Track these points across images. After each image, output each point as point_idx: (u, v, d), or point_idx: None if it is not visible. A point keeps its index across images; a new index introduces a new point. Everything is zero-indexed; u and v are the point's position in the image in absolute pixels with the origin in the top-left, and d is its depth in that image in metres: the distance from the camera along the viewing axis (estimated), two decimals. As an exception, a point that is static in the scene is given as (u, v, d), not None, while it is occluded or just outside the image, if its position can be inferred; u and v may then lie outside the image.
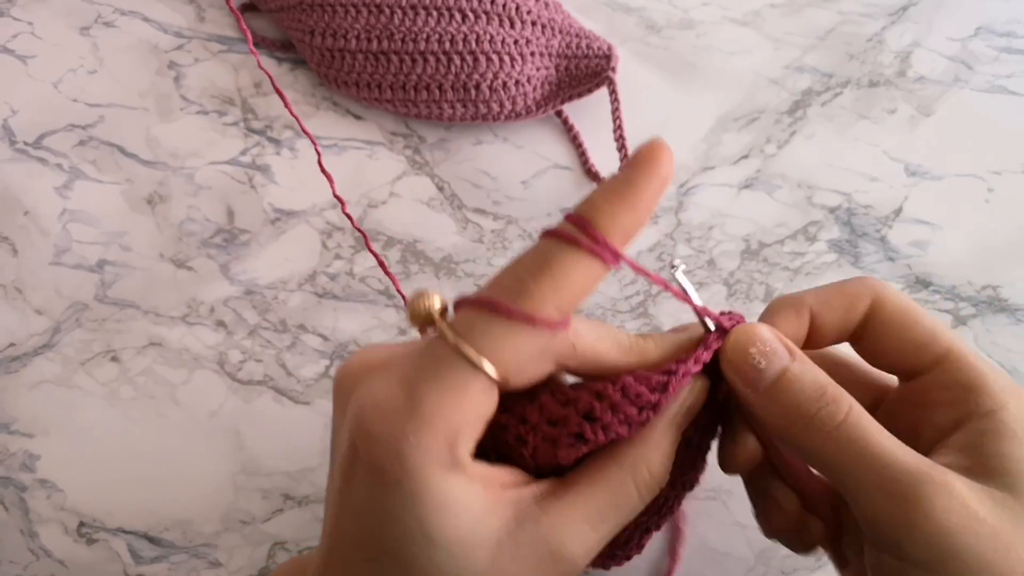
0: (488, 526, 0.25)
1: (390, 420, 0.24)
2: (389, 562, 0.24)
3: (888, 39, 0.51)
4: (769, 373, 0.27)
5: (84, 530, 0.41)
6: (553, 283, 0.24)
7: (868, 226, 0.47)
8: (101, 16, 0.51)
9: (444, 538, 0.24)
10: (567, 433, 0.26)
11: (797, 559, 0.41)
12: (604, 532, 0.26)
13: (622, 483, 0.27)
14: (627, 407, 0.27)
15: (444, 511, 0.24)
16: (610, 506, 0.27)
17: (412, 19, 0.46)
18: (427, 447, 0.24)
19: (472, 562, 0.24)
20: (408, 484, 0.24)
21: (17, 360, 0.44)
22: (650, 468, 0.27)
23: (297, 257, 0.46)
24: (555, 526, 0.26)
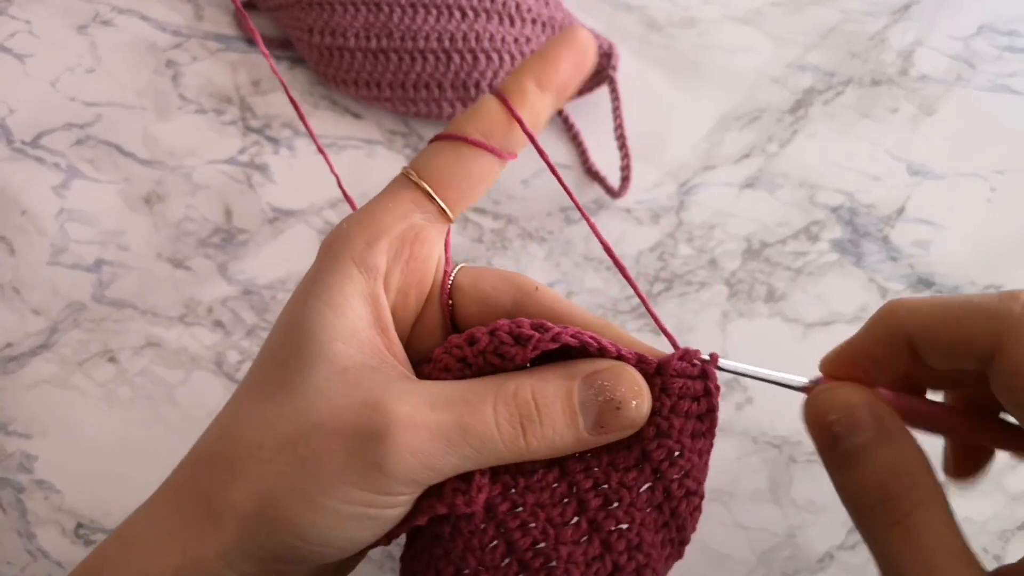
0: (349, 345, 0.26)
1: (339, 227, 0.28)
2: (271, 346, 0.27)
3: (890, 38, 0.51)
4: (845, 444, 0.25)
5: (82, 531, 0.41)
6: (476, 116, 0.28)
7: (870, 225, 0.47)
8: (99, 15, 0.51)
9: (311, 324, 0.26)
10: (453, 358, 0.27)
11: (799, 560, 0.41)
12: (440, 420, 0.25)
13: (483, 388, 0.26)
14: (503, 335, 0.26)
15: (323, 297, 0.26)
16: (460, 398, 0.25)
17: (411, 17, 0.45)
18: (350, 236, 0.27)
19: (313, 362, 0.25)
20: (320, 266, 0.27)
21: (15, 360, 0.44)
22: (519, 387, 0.26)
23: (295, 257, 0.46)
24: (400, 387, 0.25)
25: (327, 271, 0.27)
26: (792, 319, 0.45)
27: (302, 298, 0.27)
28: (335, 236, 0.28)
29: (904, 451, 0.25)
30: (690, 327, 0.44)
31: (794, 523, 0.41)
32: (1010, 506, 0.41)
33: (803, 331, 0.44)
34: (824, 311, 0.45)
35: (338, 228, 0.28)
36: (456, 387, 0.26)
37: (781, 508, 0.41)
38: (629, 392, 0.26)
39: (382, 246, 0.27)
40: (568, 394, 0.26)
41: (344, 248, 0.27)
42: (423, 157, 0.29)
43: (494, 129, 0.28)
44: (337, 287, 0.26)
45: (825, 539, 0.41)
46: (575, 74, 0.29)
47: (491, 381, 0.26)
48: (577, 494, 0.27)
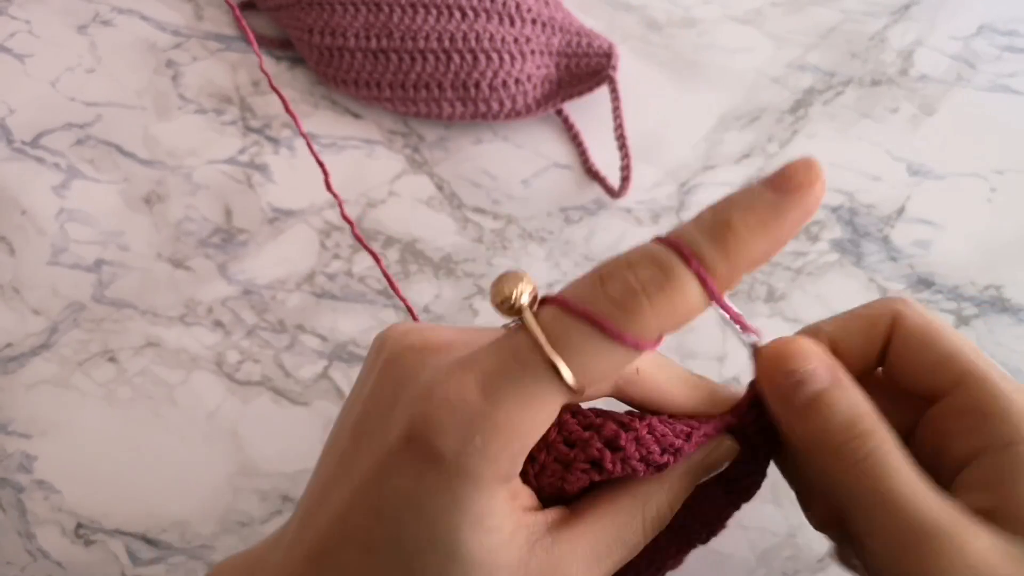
0: (509, 550, 0.23)
1: (462, 419, 0.22)
2: (393, 563, 0.23)
3: (890, 38, 0.51)
4: (804, 392, 0.26)
5: (82, 531, 0.41)
6: (668, 307, 0.22)
7: (870, 226, 0.47)
8: (99, 15, 0.51)
9: (469, 554, 0.22)
10: (583, 457, 0.25)
11: (799, 561, 0.41)
12: (607, 567, 0.26)
13: (632, 517, 0.26)
14: (651, 444, 0.26)
15: (481, 526, 0.22)
16: (617, 540, 0.26)
17: (411, 17, 0.45)
18: (493, 456, 0.22)
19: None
20: (460, 489, 0.22)
21: (14, 360, 0.44)
22: (659, 507, 0.26)
23: (295, 257, 0.46)
24: (565, 557, 0.24)
25: (471, 500, 0.22)
26: (792, 319, 0.45)
27: (446, 524, 0.22)
28: (467, 452, 0.22)
29: (859, 396, 0.26)
30: (690, 327, 0.44)
31: (794, 523, 0.41)
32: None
33: (803, 331, 0.44)
34: (824, 311, 0.45)
35: (461, 434, 0.22)
36: (609, 530, 0.26)
37: (781, 508, 0.41)
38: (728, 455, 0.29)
39: (523, 459, 0.23)
40: (691, 486, 0.28)
41: (487, 471, 0.22)
42: (579, 358, 0.22)
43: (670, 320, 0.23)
44: (489, 518, 0.23)
45: (825, 539, 0.41)
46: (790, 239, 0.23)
47: (635, 506, 0.26)
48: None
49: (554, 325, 0.22)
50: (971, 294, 0.45)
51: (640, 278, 0.22)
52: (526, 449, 0.23)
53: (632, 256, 0.23)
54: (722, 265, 0.22)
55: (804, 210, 0.22)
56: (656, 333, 0.22)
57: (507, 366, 0.22)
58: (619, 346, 0.22)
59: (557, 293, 0.23)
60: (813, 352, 0.27)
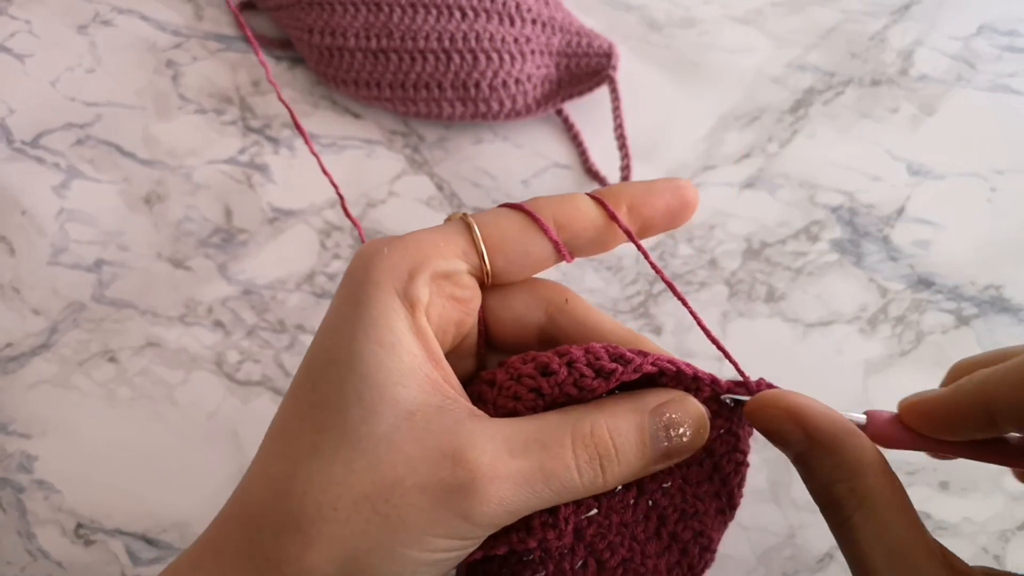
0: (409, 387, 0.24)
1: (380, 245, 0.26)
2: (303, 384, 0.25)
3: (890, 38, 0.51)
4: (790, 453, 0.26)
5: (82, 531, 0.41)
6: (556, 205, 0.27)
7: (870, 226, 0.47)
8: (99, 15, 0.51)
9: (364, 365, 0.24)
10: (525, 389, 0.26)
11: (799, 561, 0.41)
12: (523, 466, 0.24)
13: (558, 427, 0.25)
14: (583, 367, 0.26)
15: (376, 335, 0.25)
16: (538, 441, 0.25)
17: (411, 17, 0.45)
18: (392, 264, 0.25)
19: (376, 409, 0.24)
20: (362, 295, 0.25)
21: (15, 360, 0.44)
22: (595, 426, 0.26)
23: (295, 257, 0.46)
24: (474, 431, 0.24)
25: (369, 302, 0.25)
26: (792, 319, 0.45)
27: (347, 333, 0.25)
28: (373, 262, 0.26)
29: (840, 457, 0.25)
30: (690, 327, 0.44)
31: (794, 523, 0.41)
32: (1010, 506, 0.41)
33: (803, 331, 0.44)
34: (824, 311, 0.45)
35: (375, 252, 0.26)
36: (529, 426, 0.25)
37: (781, 508, 0.41)
38: (694, 422, 0.27)
39: (424, 278, 0.26)
40: (640, 429, 0.26)
41: (386, 277, 0.25)
42: (488, 215, 0.27)
43: (569, 223, 0.27)
44: (385, 322, 0.25)
45: (825, 539, 0.41)
46: (666, 220, 0.28)
47: (565, 419, 0.26)
48: (657, 510, 0.28)
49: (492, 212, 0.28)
50: (971, 294, 0.45)
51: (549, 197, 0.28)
52: (426, 268, 0.26)
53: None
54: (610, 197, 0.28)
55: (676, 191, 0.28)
56: (548, 216, 0.27)
57: (439, 226, 0.27)
58: (525, 219, 0.27)
59: None
60: (783, 416, 0.26)
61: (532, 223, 0.27)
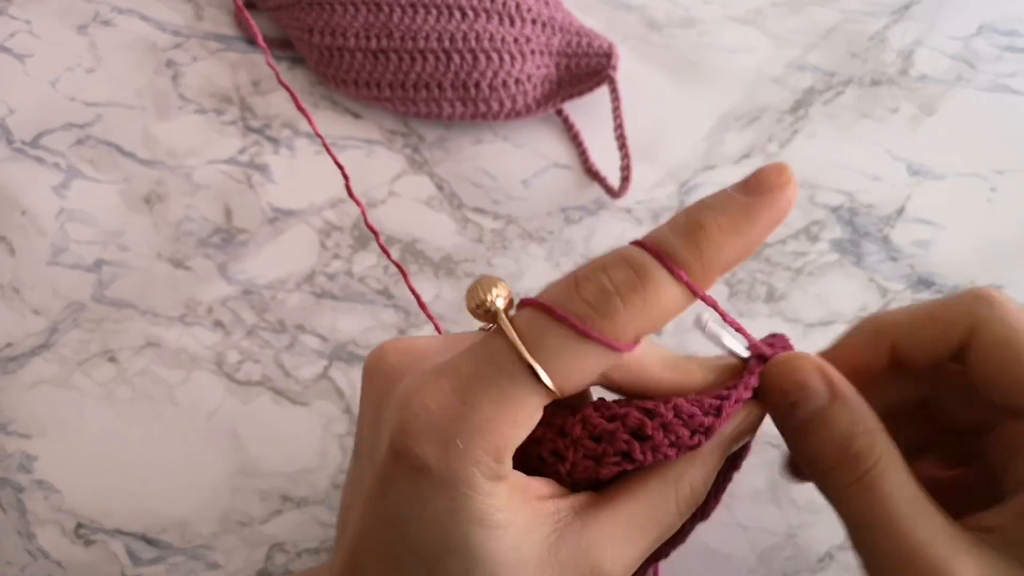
0: (531, 542, 0.23)
1: (441, 425, 0.22)
2: (417, 570, 0.23)
3: (890, 38, 0.51)
4: (801, 411, 0.26)
5: (82, 531, 0.41)
6: (643, 308, 0.22)
7: (870, 226, 0.47)
8: (99, 15, 0.51)
9: (487, 553, 0.22)
10: (612, 451, 0.25)
11: (799, 561, 0.41)
12: (642, 548, 0.25)
13: (664, 498, 0.26)
14: (679, 428, 0.25)
15: (488, 524, 0.22)
16: (650, 520, 0.25)
17: (411, 17, 0.45)
18: (476, 458, 0.22)
19: None
20: (454, 492, 0.22)
21: (14, 360, 0.44)
22: (692, 485, 0.26)
23: (295, 257, 0.46)
24: (596, 540, 0.24)
25: (466, 500, 0.22)
26: (792, 319, 0.45)
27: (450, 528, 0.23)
28: (449, 455, 0.22)
29: (858, 413, 0.26)
30: (690, 327, 0.44)
31: (794, 523, 0.41)
32: (1010, 506, 0.41)
33: (803, 331, 0.44)
34: (824, 311, 0.45)
35: (441, 439, 0.22)
36: (639, 508, 0.25)
37: (781, 508, 0.41)
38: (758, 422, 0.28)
39: (510, 456, 0.23)
40: (721, 460, 0.27)
41: (471, 471, 0.22)
42: (556, 359, 0.22)
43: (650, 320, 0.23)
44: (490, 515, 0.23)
45: (825, 539, 0.41)
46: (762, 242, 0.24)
47: (666, 485, 0.26)
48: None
49: (530, 328, 0.23)
50: (971, 294, 0.45)
51: (614, 280, 0.22)
52: (510, 448, 0.23)
53: (607, 259, 0.23)
54: (695, 265, 0.23)
55: (776, 213, 0.23)
56: (632, 334, 0.23)
57: (483, 370, 0.22)
58: (595, 346, 0.22)
59: (534, 297, 0.23)
60: (811, 368, 0.26)
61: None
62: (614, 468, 0.25)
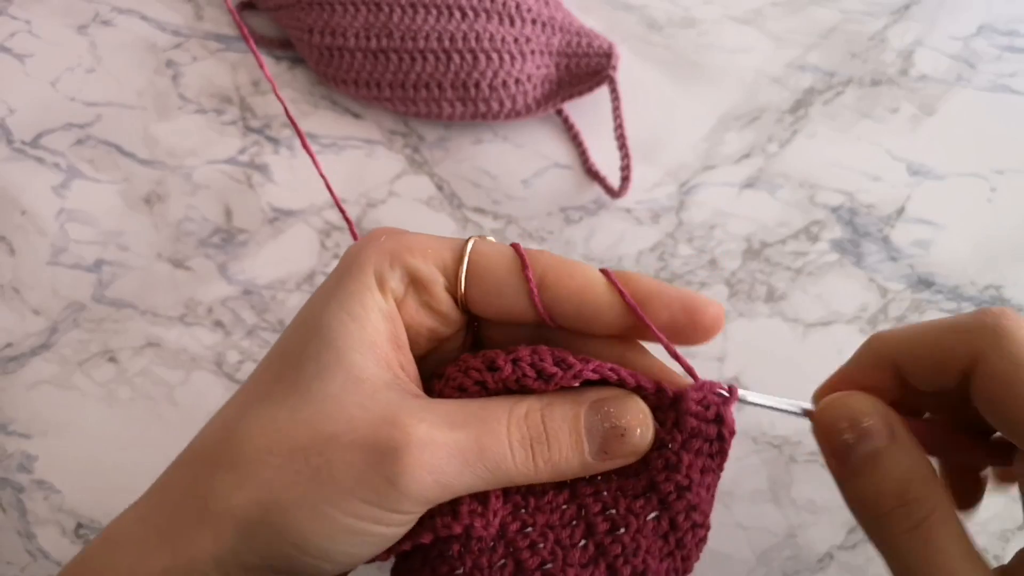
0: (365, 356, 0.25)
1: (378, 231, 0.27)
2: (276, 348, 0.27)
3: (890, 38, 0.51)
4: (859, 451, 0.26)
5: (82, 531, 0.41)
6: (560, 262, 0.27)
7: (870, 225, 0.47)
8: (99, 15, 0.51)
9: (327, 329, 0.25)
10: (471, 380, 0.27)
11: (799, 561, 0.41)
12: (458, 439, 0.24)
13: (498, 406, 0.26)
14: (526, 366, 0.26)
15: (343, 306, 0.26)
16: (475, 416, 0.25)
17: (411, 17, 0.45)
18: (379, 250, 0.26)
19: (330, 369, 0.25)
20: (344, 273, 0.26)
21: (14, 360, 0.44)
22: (530, 412, 0.26)
23: (295, 257, 0.46)
24: (417, 404, 0.25)
25: (350, 278, 0.26)
26: (792, 319, 0.45)
27: (322, 302, 0.27)
28: (365, 242, 0.27)
29: (916, 458, 0.25)
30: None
31: (794, 523, 0.41)
32: (1010, 506, 0.41)
33: (803, 331, 0.44)
34: (824, 311, 0.45)
35: (371, 238, 0.27)
36: (471, 405, 0.26)
37: (781, 508, 0.41)
38: (634, 420, 0.26)
39: (400, 270, 0.27)
40: (575, 419, 0.26)
41: (369, 258, 0.27)
42: (491, 245, 0.27)
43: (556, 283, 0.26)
44: (358, 297, 0.26)
45: (825, 539, 0.41)
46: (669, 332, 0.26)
47: (504, 401, 0.26)
48: (586, 517, 0.27)
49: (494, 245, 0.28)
50: (971, 294, 0.45)
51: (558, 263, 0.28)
52: (404, 260, 0.26)
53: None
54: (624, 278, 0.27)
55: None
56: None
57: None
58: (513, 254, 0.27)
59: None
60: (871, 409, 0.26)
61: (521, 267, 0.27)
62: (476, 383, 0.27)
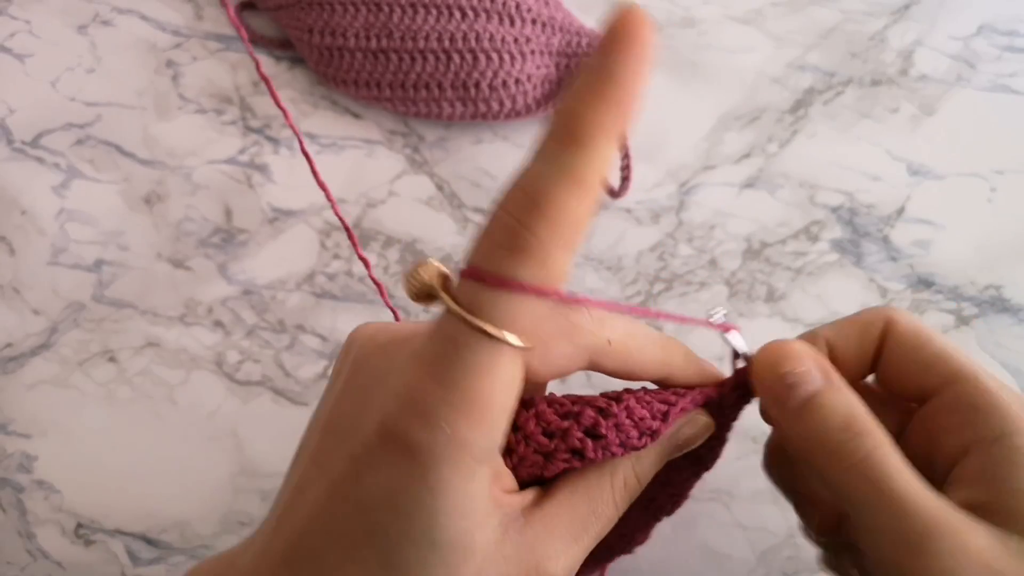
0: (483, 532, 0.23)
1: (424, 408, 0.22)
2: (374, 558, 0.22)
3: (890, 38, 0.51)
4: (799, 394, 0.27)
5: (82, 531, 0.41)
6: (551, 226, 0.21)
7: (870, 226, 0.47)
8: (99, 15, 0.51)
9: (447, 540, 0.22)
10: (564, 447, 0.25)
11: (799, 561, 0.41)
12: (584, 545, 0.26)
13: (601, 490, 0.26)
14: (630, 429, 0.26)
15: (457, 511, 0.22)
16: (591, 514, 0.26)
17: (411, 17, 0.45)
18: (462, 438, 0.21)
19: (460, 571, 0.23)
20: (436, 475, 0.22)
21: (14, 360, 0.44)
22: (627, 479, 0.26)
23: (295, 257, 0.46)
24: (539, 538, 0.24)
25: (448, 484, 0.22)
26: (792, 319, 0.45)
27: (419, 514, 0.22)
28: (436, 440, 0.22)
29: (853, 396, 0.27)
30: (690, 327, 0.44)
31: (794, 523, 0.41)
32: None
33: (803, 331, 0.44)
34: (824, 311, 0.45)
35: (429, 423, 0.22)
36: (580, 502, 0.26)
37: (781, 508, 0.41)
38: (703, 432, 0.29)
39: (503, 431, 0.23)
40: (660, 457, 0.28)
41: (458, 453, 0.22)
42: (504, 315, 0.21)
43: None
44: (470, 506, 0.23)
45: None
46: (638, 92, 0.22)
47: (603, 478, 0.26)
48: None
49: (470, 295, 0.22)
50: (971, 294, 0.45)
51: (512, 212, 0.21)
52: (499, 422, 0.22)
53: (503, 195, 0.22)
54: (579, 160, 0.21)
55: (640, 61, 0.21)
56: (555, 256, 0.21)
57: (446, 349, 0.22)
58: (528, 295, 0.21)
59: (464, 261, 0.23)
60: (806, 354, 0.28)
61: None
62: (562, 465, 0.25)
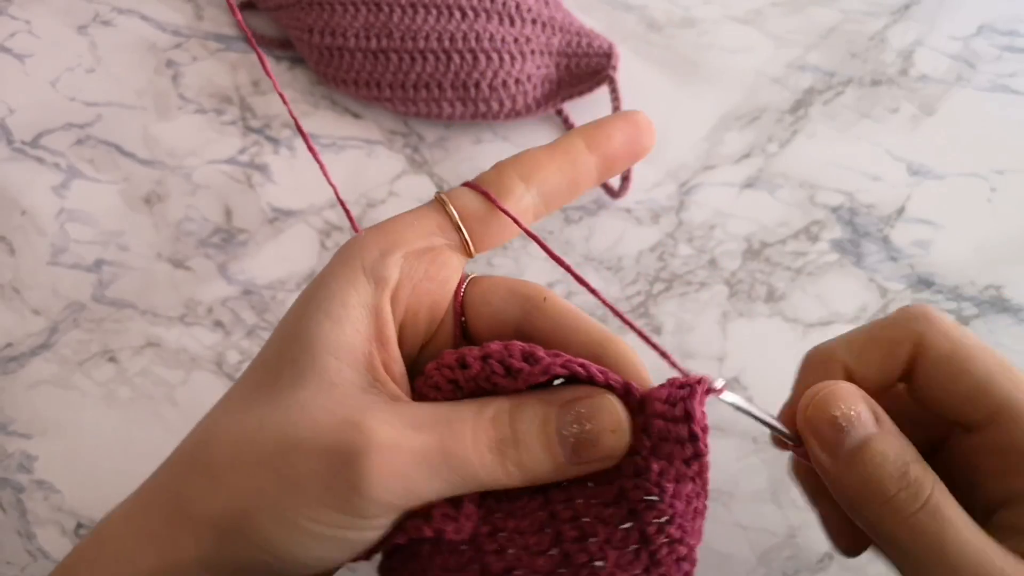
0: (341, 360, 0.25)
1: (357, 234, 0.27)
2: (260, 356, 0.26)
3: (890, 38, 0.51)
4: (851, 439, 0.25)
5: (82, 531, 0.41)
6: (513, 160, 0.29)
7: (870, 225, 0.47)
8: (99, 15, 0.51)
9: (306, 333, 0.25)
10: (444, 379, 0.26)
11: (799, 561, 0.41)
12: (424, 442, 0.24)
13: (466, 407, 0.25)
14: (495, 363, 0.26)
15: (324, 307, 0.25)
16: (441, 420, 0.24)
17: (411, 17, 0.45)
18: (365, 246, 0.26)
19: (304, 375, 0.25)
20: (329, 274, 0.26)
21: (14, 360, 0.44)
22: (497, 413, 0.25)
23: (295, 257, 0.46)
24: (383, 407, 0.24)
25: (333, 277, 0.26)
26: (792, 319, 0.45)
27: (304, 304, 0.26)
28: (350, 242, 0.27)
29: (904, 440, 0.26)
30: (690, 327, 0.44)
31: (794, 523, 0.41)
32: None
33: (803, 331, 0.44)
34: (824, 311, 0.45)
35: (356, 235, 0.27)
36: (440, 408, 0.25)
37: (781, 508, 0.41)
38: (608, 423, 0.25)
39: (396, 258, 0.26)
40: (545, 421, 0.25)
41: (355, 255, 0.26)
42: (459, 190, 0.28)
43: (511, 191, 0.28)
44: (340, 296, 0.25)
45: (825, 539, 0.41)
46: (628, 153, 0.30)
47: (473, 404, 0.25)
48: (555, 524, 0.26)
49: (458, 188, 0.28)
50: (971, 294, 0.45)
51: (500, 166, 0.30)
52: (396, 245, 0.26)
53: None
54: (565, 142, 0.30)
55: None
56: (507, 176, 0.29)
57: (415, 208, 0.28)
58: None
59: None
60: (857, 395, 0.26)
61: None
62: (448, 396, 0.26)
